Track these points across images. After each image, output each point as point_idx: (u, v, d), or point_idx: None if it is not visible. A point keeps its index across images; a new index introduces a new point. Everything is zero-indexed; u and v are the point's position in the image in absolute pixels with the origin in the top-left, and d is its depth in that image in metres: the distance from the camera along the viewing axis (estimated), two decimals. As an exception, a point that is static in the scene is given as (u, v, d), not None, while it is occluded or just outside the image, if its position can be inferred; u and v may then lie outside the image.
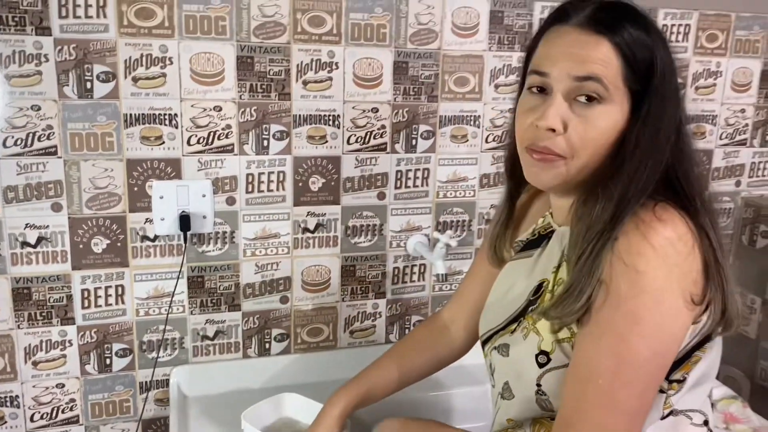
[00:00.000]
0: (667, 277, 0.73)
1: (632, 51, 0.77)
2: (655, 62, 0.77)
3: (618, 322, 0.73)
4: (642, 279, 0.72)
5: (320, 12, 1.33)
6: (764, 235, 1.66)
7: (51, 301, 1.31)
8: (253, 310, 1.44)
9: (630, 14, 0.79)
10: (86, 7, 1.20)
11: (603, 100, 0.77)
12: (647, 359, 0.74)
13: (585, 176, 0.82)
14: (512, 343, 0.89)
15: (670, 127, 0.78)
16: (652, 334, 0.73)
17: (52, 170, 1.25)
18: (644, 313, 0.73)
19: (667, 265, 0.73)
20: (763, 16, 1.62)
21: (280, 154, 1.37)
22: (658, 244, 0.73)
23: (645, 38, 0.78)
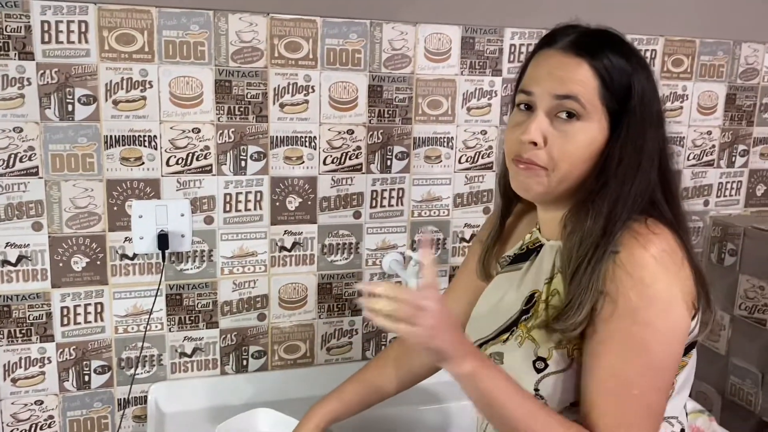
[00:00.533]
0: (670, 285, 0.80)
1: (610, 74, 0.83)
2: (632, 86, 0.84)
3: (637, 333, 0.79)
4: (649, 289, 0.79)
5: (296, 38, 1.38)
6: (731, 253, 1.71)
7: (31, 318, 1.33)
8: (231, 328, 1.46)
9: (611, 42, 0.87)
10: (68, 33, 1.25)
11: (581, 117, 0.84)
12: (669, 364, 0.81)
13: (569, 189, 0.88)
14: (506, 351, 0.92)
15: (652, 148, 0.85)
16: (669, 339, 0.80)
17: (33, 190, 1.29)
18: (658, 321, 0.79)
19: (668, 274, 0.80)
20: (726, 42, 1.69)
21: (258, 175, 1.41)
22: (658, 255, 0.79)
23: (623, 63, 0.84)
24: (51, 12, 1.23)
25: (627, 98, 0.84)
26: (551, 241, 0.95)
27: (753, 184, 1.81)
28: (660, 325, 0.79)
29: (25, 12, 1.22)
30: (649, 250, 0.79)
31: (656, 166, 0.85)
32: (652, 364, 0.80)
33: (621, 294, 0.79)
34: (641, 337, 0.79)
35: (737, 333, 1.70)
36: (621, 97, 0.84)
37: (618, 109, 0.84)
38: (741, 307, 1.67)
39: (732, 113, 1.74)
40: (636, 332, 0.79)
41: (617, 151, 0.84)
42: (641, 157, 0.84)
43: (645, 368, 0.80)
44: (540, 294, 0.92)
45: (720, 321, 1.75)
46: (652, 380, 0.80)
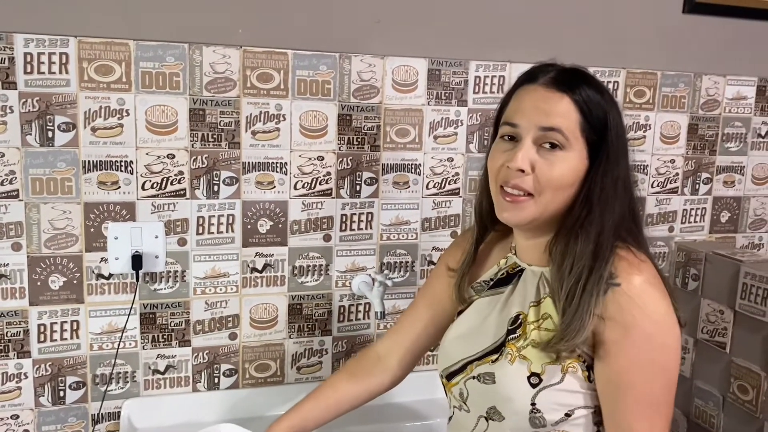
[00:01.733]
0: (668, 306, 0.90)
1: (588, 107, 0.91)
2: (608, 119, 0.93)
3: (657, 357, 0.89)
4: (656, 314, 0.88)
5: (268, 69, 1.45)
6: (694, 278, 1.75)
7: (8, 335, 1.39)
8: (203, 346, 1.51)
9: (587, 79, 0.96)
10: (50, 64, 1.32)
11: (563, 147, 0.91)
12: (677, 376, 0.92)
13: (553, 216, 0.95)
14: (497, 370, 0.98)
15: (626, 176, 0.94)
16: (677, 357, 0.91)
17: (13, 212, 1.35)
18: (669, 341, 0.89)
19: (663, 296, 0.90)
20: (687, 74, 1.75)
21: (230, 199, 1.47)
22: (651, 281, 0.90)
23: (599, 98, 0.93)
24: (33, 44, 1.31)
25: (604, 130, 0.92)
26: (533, 266, 1.02)
27: (717, 211, 1.86)
28: (672, 343, 0.90)
29: (9, 44, 1.30)
30: (644, 277, 0.89)
31: (628, 193, 0.95)
32: (672, 381, 0.91)
33: (633, 324, 0.88)
34: (661, 359, 0.89)
35: (700, 356, 1.74)
36: (599, 129, 0.92)
37: (596, 140, 0.92)
38: (703, 331, 1.72)
39: (695, 142, 1.80)
40: (656, 357, 0.89)
41: (599, 179, 0.92)
42: (617, 184, 0.92)
43: (668, 386, 0.91)
44: (526, 316, 0.98)
45: (684, 344, 1.79)
46: (671, 395, 0.92)
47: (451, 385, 1.06)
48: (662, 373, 0.90)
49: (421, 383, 1.52)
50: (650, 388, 0.89)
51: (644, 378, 0.89)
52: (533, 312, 0.98)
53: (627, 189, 0.94)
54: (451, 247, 1.21)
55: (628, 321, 0.87)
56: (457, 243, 1.20)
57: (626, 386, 0.90)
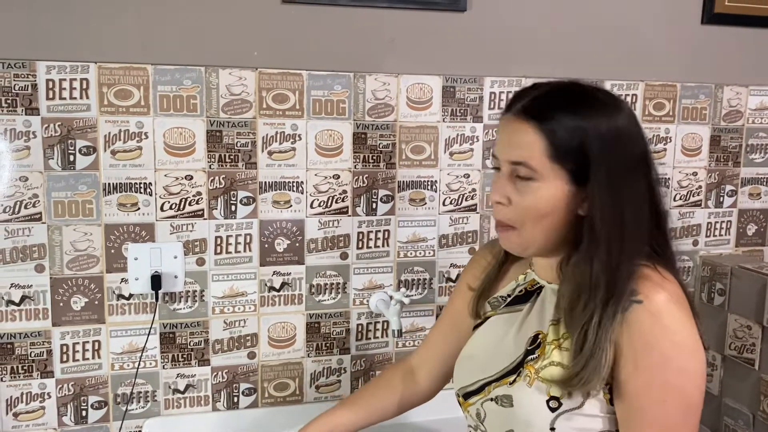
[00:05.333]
0: (692, 328, 0.85)
1: (557, 134, 0.86)
2: (586, 140, 0.86)
3: (673, 380, 0.84)
4: (677, 336, 0.84)
5: (284, 90, 1.47)
6: (720, 293, 1.71)
7: (32, 355, 1.41)
8: (222, 365, 1.52)
9: (566, 100, 0.89)
10: (71, 90, 1.36)
11: (533, 178, 0.88)
12: (700, 402, 0.87)
13: (557, 240, 0.92)
14: (515, 392, 0.95)
15: (636, 191, 0.87)
16: (700, 379, 0.86)
17: (36, 234, 1.38)
18: (690, 365, 0.85)
19: (688, 318, 0.86)
20: (708, 86, 1.73)
21: (247, 218, 1.49)
22: (676, 301, 0.85)
23: (573, 122, 0.86)
24: (55, 71, 1.34)
25: (580, 153, 0.86)
26: (552, 284, 0.99)
27: (743, 224, 1.82)
28: (692, 368, 0.85)
29: (32, 72, 1.34)
30: (667, 297, 0.85)
31: (647, 209, 0.88)
32: (690, 407, 0.86)
33: (652, 344, 0.84)
34: (678, 383, 0.84)
35: (729, 373, 1.70)
36: (574, 154, 0.86)
37: (580, 162, 0.87)
38: (731, 347, 1.68)
39: (717, 154, 1.77)
40: (672, 379, 0.84)
41: (595, 200, 0.86)
42: (622, 202, 0.86)
43: (685, 412, 0.86)
44: (545, 336, 0.95)
45: (711, 361, 1.75)
46: (690, 420, 0.86)
47: (468, 404, 1.04)
48: (679, 396, 0.85)
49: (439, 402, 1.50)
50: (664, 412, 0.85)
51: (657, 400, 0.85)
52: (553, 331, 0.95)
53: (641, 204, 0.88)
54: (470, 264, 1.19)
55: (649, 341, 0.84)
56: (475, 259, 1.18)
57: (639, 409, 0.86)
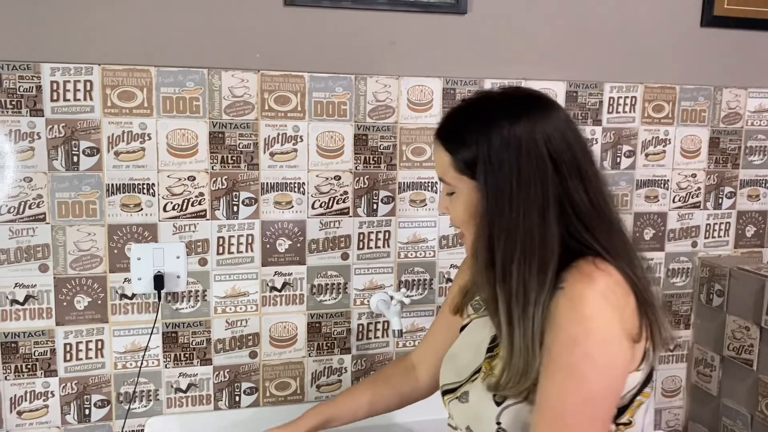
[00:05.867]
0: (611, 320, 0.83)
1: (456, 147, 0.92)
2: (479, 153, 0.89)
3: (575, 364, 0.83)
4: (590, 322, 0.82)
5: (285, 92, 1.48)
6: (719, 294, 1.72)
7: (36, 354, 1.43)
8: (224, 365, 1.54)
9: (466, 116, 0.94)
10: (75, 92, 1.37)
11: (453, 191, 0.95)
12: (605, 395, 0.84)
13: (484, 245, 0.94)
14: (472, 389, 0.98)
15: (535, 194, 0.87)
16: (606, 372, 0.84)
17: (40, 235, 1.39)
18: (596, 353, 0.83)
19: (609, 308, 0.83)
20: (707, 88, 1.74)
21: (249, 219, 1.50)
22: (599, 290, 0.83)
23: (470, 135, 0.90)
24: (59, 73, 1.36)
25: (475, 161, 0.90)
26: None
27: (742, 225, 1.83)
28: (598, 357, 0.83)
29: (36, 73, 1.35)
30: (593, 286, 0.83)
31: (553, 209, 0.87)
32: (587, 395, 0.83)
33: (563, 327, 0.84)
34: (579, 368, 0.83)
35: (726, 374, 1.71)
36: (472, 163, 0.90)
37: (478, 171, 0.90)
38: (729, 348, 1.69)
39: (716, 156, 1.78)
40: (574, 363, 0.83)
41: (488, 206, 0.89)
42: (511, 207, 0.87)
43: (581, 399, 0.83)
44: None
45: (710, 362, 1.76)
46: (587, 411, 0.84)
47: (445, 402, 1.07)
48: (577, 383, 0.83)
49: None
50: (561, 395, 0.83)
51: (557, 382, 0.84)
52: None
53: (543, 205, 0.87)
54: (462, 266, 1.21)
55: (560, 323, 0.83)
56: (466, 261, 1.20)
57: (542, 390, 0.85)
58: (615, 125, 1.70)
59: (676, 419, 1.87)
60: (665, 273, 1.79)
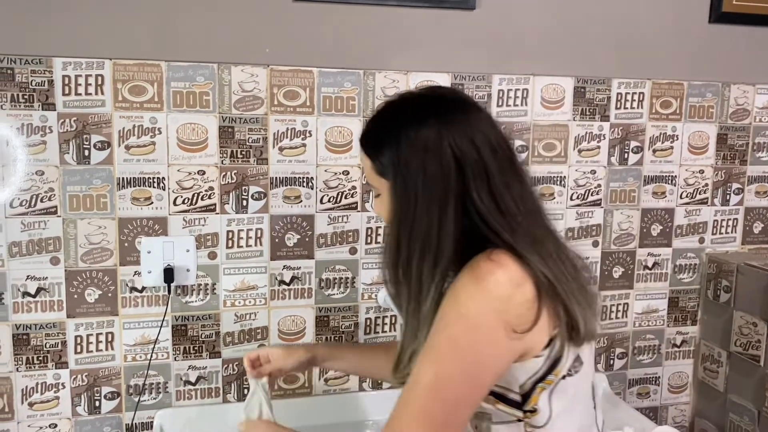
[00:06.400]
0: (484, 308, 0.84)
1: (374, 150, 0.95)
2: (389, 155, 0.92)
3: (441, 343, 0.85)
4: (461, 307, 0.85)
5: (295, 87, 1.49)
6: (726, 290, 1.73)
7: (47, 346, 1.44)
8: (233, 358, 1.55)
9: (379, 121, 0.98)
10: (86, 86, 1.38)
11: (378, 194, 0.98)
12: (460, 380, 0.85)
13: None
14: None
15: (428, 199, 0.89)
16: (467, 357, 0.85)
17: (52, 228, 1.41)
18: (461, 337, 0.84)
19: (486, 298, 0.84)
20: (715, 84, 1.74)
21: (258, 213, 1.51)
22: (480, 278, 0.85)
23: (381, 138, 0.94)
24: (71, 67, 1.37)
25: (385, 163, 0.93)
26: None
27: (749, 222, 1.83)
28: (462, 342, 0.84)
29: (49, 68, 1.36)
30: (475, 275, 0.85)
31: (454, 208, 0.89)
32: (441, 376, 0.85)
33: (442, 313, 0.87)
34: (441, 348, 0.85)
35: (734, 369, 1.71)
36: (384, 165, 0.93)
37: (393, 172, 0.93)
38: (736, 344, 1.69)
39: (724, 152, 1.78)
40: (439, 342, 0.85)
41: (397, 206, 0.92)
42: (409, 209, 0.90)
43: (435, 376, 0.85)
44: None
45: (717, 358, 1.76)
46: (438, 390, 0.84)
47: None
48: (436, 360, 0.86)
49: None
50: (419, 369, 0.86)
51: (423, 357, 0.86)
52: None
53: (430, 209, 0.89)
54: None
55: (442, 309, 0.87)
56: None
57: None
58: (623, 121, 1.70)
59: (682, 415, 1.88)
60: (672, 269, 1.79)
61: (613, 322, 1.77)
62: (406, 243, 0.90)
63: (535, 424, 0.90)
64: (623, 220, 1.74)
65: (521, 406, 0.90)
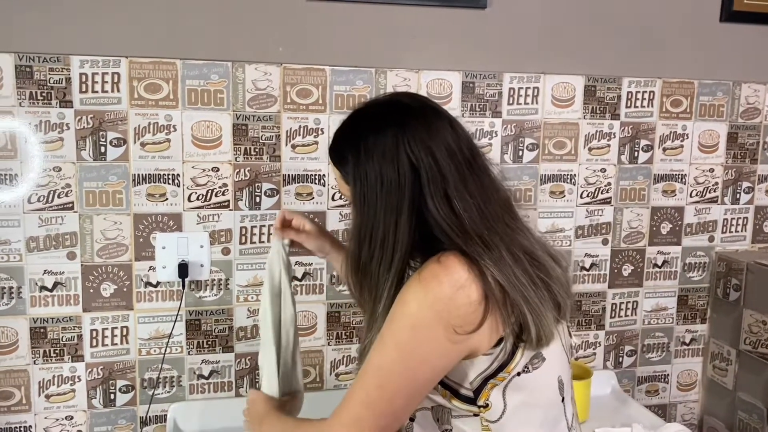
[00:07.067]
0: (424, 306, 0.87)
1: (338, 162, 0.98)
2: (350, 164, 0.94)
3: (385, 339, 0.89)
4: (404, 306, 0.88)
5: (307, 85, 1.51)
6: (736, 288, 1.73)
7: (63, 339, 1.47)
8: (246, 352, 1.57)
9: (341, 132, 0.99)
10: (103, 84, 1.40)
11: (349, 201, 0.99)
12: (398, 372, 0.89)
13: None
14: None
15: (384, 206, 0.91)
16: (405, 351, 0.88)
17: (68, 223, 1.43)
18: (402, 333, 0.88)
19: (428, 297, 0.87)
20: (726, 83, 1.74)
21: (271, 209, 1.53)
22: (424, 279, 0.88)
23: (343, 148, 0.96)
24: (88, 65, 1.39)
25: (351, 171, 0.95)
26: None
27: (760, 221, 1.84)
28: (403, 337, 0.88)
29: (66, 66, 1.38)
30: (420, 275, 0.88)
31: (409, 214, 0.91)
32: (382, 365, 0.89)
33: (392, 309, 0.90)
34: (384, 340, 0.89)
35: (743, 368, 1.71)
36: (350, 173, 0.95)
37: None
38: (746, 342, 1.69)
39: (734, 151, 1.79)
40: (385, 336, 0.89)
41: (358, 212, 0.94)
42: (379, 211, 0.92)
43: (377, 365, 0.89)
44: None
45: (726, 356, 1.77)
46: (378, 378, 0.89)
47: None
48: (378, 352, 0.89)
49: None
50: (368, 363, 0.90)
51: (373, 350, 0.90)
52: None
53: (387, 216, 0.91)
54: None
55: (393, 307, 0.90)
56: None
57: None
58: (633, 119, 1.71)
59: (691, 413, 1.88)
60: (682, 267, 1.80)
61: (622, 319, 1.78)
62: (366, 248, 0.93)
63: (489, 419, 0.92)
64: (633, 218, 1.74)
65: (474, 401, 0.92)
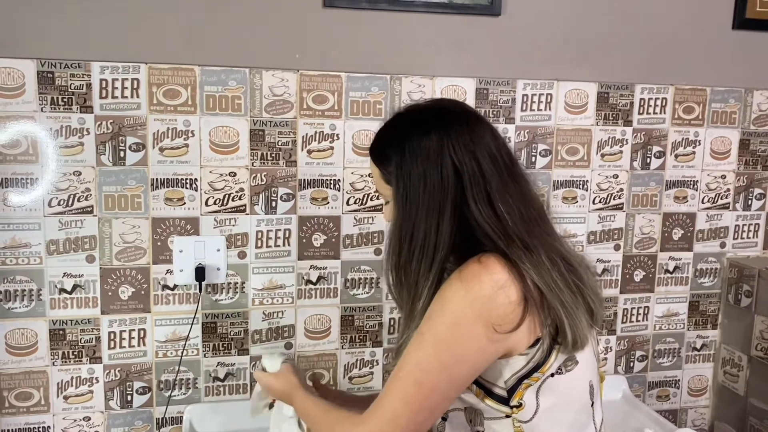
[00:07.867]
0: (465, 304, 0.88)
1: (381, 160, 1.00)
2: (394, 164, 0.97)
3: (424, 335, 0.91)
4: (445, 303, 0.90)
5: (323, 91, 1.52)
6: (747, 294, 1.74)
7: (82, 341, 1.49)
8: (260, 355, 1.58)
9: (385, 132, 1.03)
10: (122, 89, 1.43)
11: (387, 201, 1.02)
12: (436, 368, 0.90)
13: None
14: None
15: (426, 206, 0.94)
16: (444, 348, 0.90)
17: (88, 227, 1.45)
18: (442, 330, 0.90)
19: (469, 295, 0.89)
20: (738, 90, 1.75)
21: (287, 214, 1.54)
22: (465, 278, 0.90)
23: (387, 148, 0.99)
24: (108, 71, 1.42)
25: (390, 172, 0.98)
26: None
27: (771, 227, 1.85)
28: (442, 334, 0.89)
29: (87, 72, 1.41)
30: (461, 274, 0.90)
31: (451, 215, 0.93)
32: (420, 362, 0.90)
33: (431, 307, 0.92)
34: (423, 337, 0.91)
35: (755, 374, 1.72)
36: (389, 174, 0.98)
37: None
38: (757, 348, 1.70)
39: (746, 158, 1.79)
40: (424, 333, 0.91)
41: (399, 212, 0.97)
42: (409, 216, 0.95)
43: (415, 361, 0.90)
44: None
45: (738, 362, 1.77)
46: (416, 374, 0.90)
47: None
48: (417, 347, 0.90)
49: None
50: (405, 356, 0.91)
51: (410, 345, 0.91)
52: None
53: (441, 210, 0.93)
54: None
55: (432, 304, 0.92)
56: None
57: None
58: (645, 126, 1.72)
59: (702, 418, 1.89)
60: (693, 273, 1.81)
61: (633, 325, 1.79)
62: (406, 248, 0.95)
63: (522, 419, 0.93)
64: (645, 224, 1.75)
65: (507, 401, 0.93)
